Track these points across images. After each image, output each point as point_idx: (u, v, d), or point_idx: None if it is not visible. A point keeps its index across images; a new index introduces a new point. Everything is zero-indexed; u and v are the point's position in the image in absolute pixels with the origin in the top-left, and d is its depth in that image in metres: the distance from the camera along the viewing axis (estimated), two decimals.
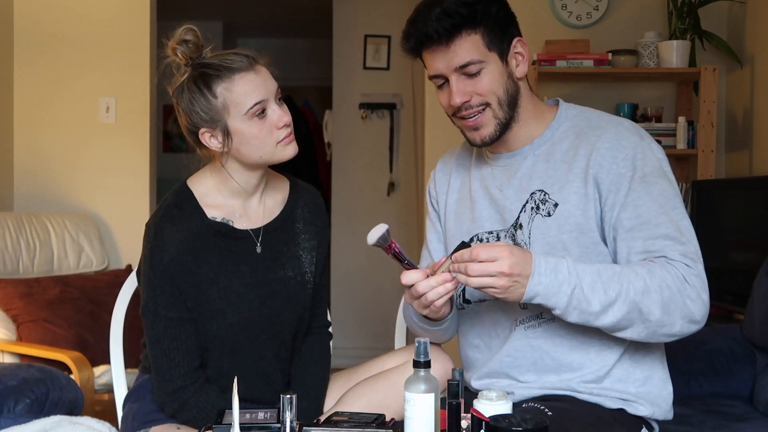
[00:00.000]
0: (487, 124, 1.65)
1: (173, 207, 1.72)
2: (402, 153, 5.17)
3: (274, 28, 6.75)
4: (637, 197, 1.57)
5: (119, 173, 3.84)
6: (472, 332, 1.77)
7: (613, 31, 3.78)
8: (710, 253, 1.65)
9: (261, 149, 1.68)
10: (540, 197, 1.64)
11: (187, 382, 1.69)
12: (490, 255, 1.45)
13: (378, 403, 1.68)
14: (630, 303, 1.49)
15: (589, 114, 1.71)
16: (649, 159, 1.61)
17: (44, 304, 3.12)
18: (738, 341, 2.53)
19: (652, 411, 1.64)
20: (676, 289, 1.50)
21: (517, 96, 1.67)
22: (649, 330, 1.51)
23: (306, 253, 1.83)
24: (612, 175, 1.59)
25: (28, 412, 2.26)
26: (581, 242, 1.60)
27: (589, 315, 1.50)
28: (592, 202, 1.60)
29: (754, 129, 3.45)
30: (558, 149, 1.67)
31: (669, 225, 1.55)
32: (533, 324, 1.65)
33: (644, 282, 1.49)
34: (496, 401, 1.35)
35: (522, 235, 1.66)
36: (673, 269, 1.51)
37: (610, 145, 1.61)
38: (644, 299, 1.49)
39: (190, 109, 1.68)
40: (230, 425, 1.36)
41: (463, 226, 1.76)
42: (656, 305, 1.49)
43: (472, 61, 1.61)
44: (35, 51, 3.81)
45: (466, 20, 1.60)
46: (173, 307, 1.69)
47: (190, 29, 1.68)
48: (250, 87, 1.65)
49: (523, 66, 1.68)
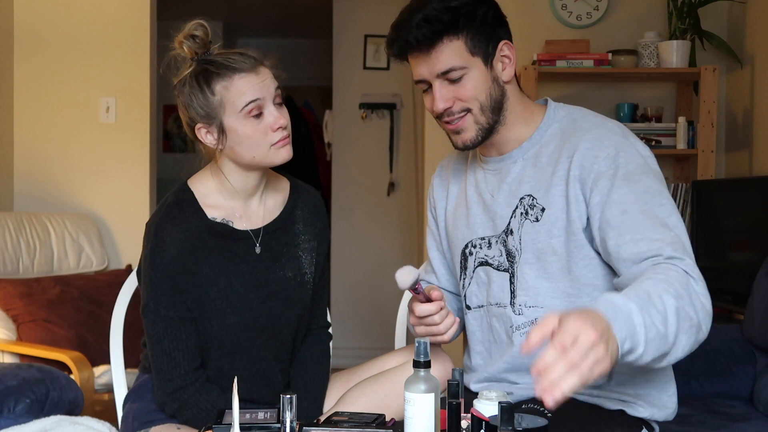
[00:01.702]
0: (468, 128, 1.64)
1: (174, 207, 1.72)
2: (402, 153, 5.17)
3: (274, 28, 6.75)
4: (622, 194, 1.51)
5: (119, 173, 3.84)
6: (474, 338, 1.78)
7: (613, 31, 3.78)
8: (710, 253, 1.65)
9: (254, 150, 1.68)
10: (528, 202, 1.63)
11: (187, 382, 1.69)
12: (569, 336, 1.15)
13: (378, 403, 1.68)
14: (675, 310, 1.32)
15: (577, 115, 1.68)
16: (632, 156, 1.55)
17: (44, 304, 3.12)
18: (738, 341, 2.53)
19: (652, 413, 1.64)
20: (685, 284, 1.38)
21: (503, 100, 1.64)
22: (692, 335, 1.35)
23: (306, 254, 1.83)
24: (593, 174, 1.55)
25: (28, 412, 2.26)
26: (568, 246, 1.58)
27: (660, 336, 1.29)
28: (575, 204, 1.57)
29: (754, 129, 3.45)
30: (544, 152, 1.65)
31: (655, 221, 1.48)
32: (529, 330, 1.63)
33: (674, 288, 1.34)
34: (495, 401, 1.35)
35: (513, 241, 1.65)
36: (676, 270, 1.42)
37: (591, 145, 1.57)
38: (681, 303, 1.34)
39: (188, 103, 1.69)
40: (230, 425, 1.36)
41: (459, 232, 1.76)
42: (689, 307, 1.35)
43: (454, 68, 1.60)
44: (35, 51, 3.81)
45: (447, 27, 1.58)
46: (174, 307, 1.69)
47: (201, 25, 1.68)
48: (247, 87, 1.65)
49: (509, 69, 1.64)
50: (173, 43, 1.70)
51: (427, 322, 1.62)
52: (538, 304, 1.63)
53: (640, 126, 3.56)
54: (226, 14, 6.19)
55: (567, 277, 1.60)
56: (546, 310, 1.61)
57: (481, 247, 1.70)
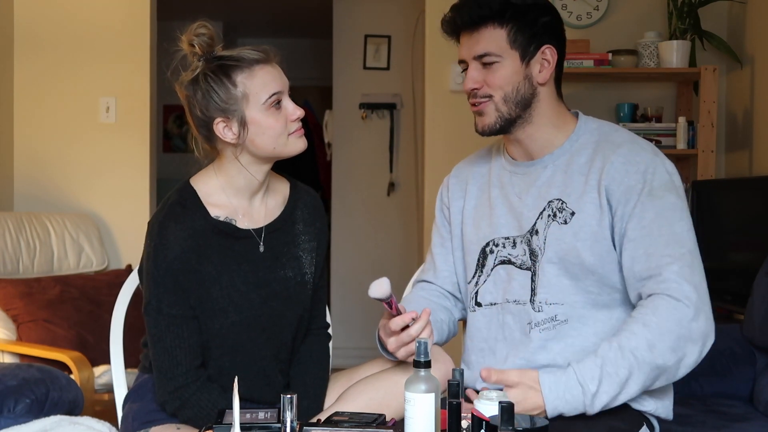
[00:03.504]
0: (489, 113, 1.72)
1: (177, 205, 1.72)
2: (402, 153, 5.17)
3: (274, 28, 6.75)
4: (643, 209, 1.61)
5: (119, 173, 3.84)
6: (479, 336, 1.79)
7: (613, 31, 3.78)
8: (710, 253, 1.67)
9: (275, 140, 1.71)
10: (557, 205, 1.69)
11: (188, 380, 1.69)
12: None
13: (378, 402, 1.69)
14: (644, 366, 1.54)
15: (608, 129, 1.75)
16: (659, 173, 1.65)
17: (44, 304, 3.12)
18: (738, 341, 2.52)
19: (656, 407, 1.67)
20: (676, 322, 1.54)
21: (532, 99, 1.72)
22: (672, 373, 1.57)
23: (306, 254, 1.83)
24: (623, 187, 1.63)
25: (28, 412, 2.26)
26: (595, 250, 1.64)
27: (615, 399, 1.56)
28: (605, 213, 1.64)
29: (754, 129, 3.45)
30: (576, 161, 1.71)
31: (671, 238, 1.59)
32: (548, 326, 1.67)
33: (646, 339, 1.54)
34: (496, 401, 1.35)
35: (537, 240, 1.70)
36: (667, 302, 1.55)
37: (623, 159, 1.66)
38: (654, 354, 1.54)
39: (206, 99, 1.69)
40: (231, 425, 1.36)
41: (480, 231, 1.80)
42: (667, 352, 1.54)
43: (489, 53, 1.69)
44: (35, 51, 3.81)
45: (494, 14, 1.68)
46: (176, 305, 1.69)
47: (204, 24, 1.71)
48: (269, 78, 1.69)
49: (546, 72, 1.72)
50: (180, 44, 1.71)
51: (404, 339, 1.64)
52: (559, 301, 1.68)
53: (640, 126, 3.56)
54: (226, 14, 6.19)
55: (589, 276, 1.66)
56: (567, 308, 1.67)
57: (504, 246, 1.75)
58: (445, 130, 3.90)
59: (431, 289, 1.92)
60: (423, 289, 1.93)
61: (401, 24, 5.08)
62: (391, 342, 1.67)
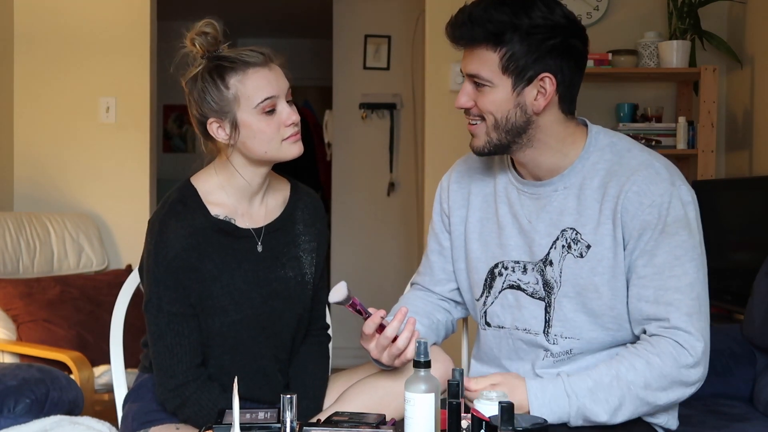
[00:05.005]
0: (479, 136, 1.63)
1: (177, 203, 1.72)
2: (402, 153, 5.17)
3: (274, 28, 6.75)
4: (656, 246, 1.56)
5: (119, 173, 3.84)
6: (490, 353, 1.77)
7: (613, 31, 3.78)
8: (710, 253, 1.65)
9: (267, 144, 1.69)
10: (571, 236, 1.61)
11: (189, 379, 1.69)
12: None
13: (378, 402, 1.68)
14: (636, 401, 1.55)
15: (620, 147, 1.64)
16: (674, 207, 1.56)
17: (44, 304, 3.12)
18: (738, 341, 2.52)
19: (667, 419, 1.66)
20: (676, 368, 1.55)
21: (527, 127, 1.59)
22: (659, 409, 1.60)
23: (306, 255, 1.83)
24: (637, 221, 1.56)
25: (28, 412, 2.26)
26: (612, 285, 1.59)
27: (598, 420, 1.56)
28: (620, 246, 1.58)
29: (754, 129, 3.45)
30: (589, 185, 1.61)
31: (681, 279, 1.55)
32: (563, 358, 1.66)
33: (644, 378, 1.54)
34: (496, 401, 1.35)
35: (552, 272, 1.64)
36: (673, 348, 1.54)
37: (638, 189, 1.56)
38: (647, 392, 1.55)
39: (201, 98, 1.70)
40: (230, 425, 1.36)
41: (488, 250, 1.73)
42: (659, 392, 1.55)
43: (479, 76, 1.58)
44: (35, 51, 3.81)
45: (488, 36, 1.54)
46: (177, 303, 1.69)
47: (210, 23, 1.71)
48: (263, 82, 1.68)
49: (541, 102, 1.57)
50: (184, 41, 1.71)
51: (383, 343, 1.61)
52: (575, 336, 1.64)
53: (640, 126, 3.56)
54: (226, 14, 6.12)
55: (608, 313, 1.61)
56: (583, 343, 1.64)
57: (514, 271, 1.69)
58: (445, 130, 3.90)
59: (428, 292, 1.91)
60: (420, 290, 1.92)
61: (401, 24, 5.08)
62: (372, 348, 1.63)
